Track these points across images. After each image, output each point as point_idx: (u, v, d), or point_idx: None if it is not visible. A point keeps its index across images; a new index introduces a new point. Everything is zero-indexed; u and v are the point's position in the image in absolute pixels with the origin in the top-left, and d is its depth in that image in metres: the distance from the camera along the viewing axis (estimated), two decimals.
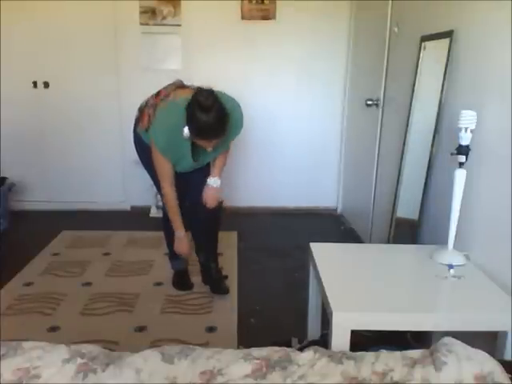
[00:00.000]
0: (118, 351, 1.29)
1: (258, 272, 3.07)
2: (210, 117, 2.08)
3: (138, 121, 2.52)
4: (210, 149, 2.26)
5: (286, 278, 2.96)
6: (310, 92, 4.11)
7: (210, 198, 2.55)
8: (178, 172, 2.43)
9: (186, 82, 2.45)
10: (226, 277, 2.85)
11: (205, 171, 2.56)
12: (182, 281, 2.82)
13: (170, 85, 2.46)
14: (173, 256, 2.83)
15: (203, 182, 2.55)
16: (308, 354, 1.24)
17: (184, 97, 2.23)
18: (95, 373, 1.15)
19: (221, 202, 2.67)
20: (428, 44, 2.34)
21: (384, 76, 3.06)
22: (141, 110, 2.48)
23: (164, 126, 2.27)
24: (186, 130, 2.17)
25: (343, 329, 1.44)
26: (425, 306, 1.55)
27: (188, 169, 2.46)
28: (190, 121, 2.13)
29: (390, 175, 2.81)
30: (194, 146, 2.32)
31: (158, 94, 2.40)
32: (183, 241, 2.53)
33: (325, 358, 1.23)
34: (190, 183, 2.55)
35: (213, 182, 2.55)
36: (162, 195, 2.51)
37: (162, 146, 2.28)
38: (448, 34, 2.11)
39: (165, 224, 2.65)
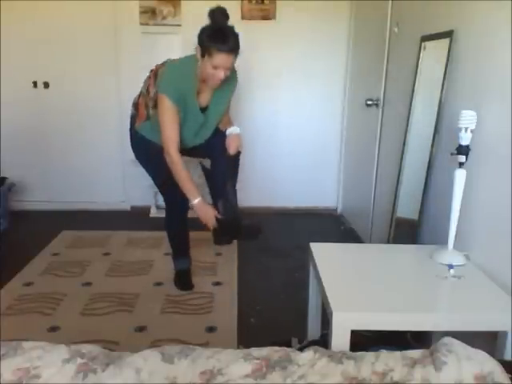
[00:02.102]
0: (118, 351, 1.29)
1: (258, 272, 3.07)
2: (228, 23, 2.16)
3: (134, 118, 2.49)
4: (221, 76, 2.19)
5: (286, 277, 2.96)
6: (309, 92, 4.11)
7: (233, 144, 2.45)
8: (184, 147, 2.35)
9: None
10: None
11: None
12: (183, 280, 2.81)
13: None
14: (176, 256, 2.84)
15: (217, 138, 2.49)
16: (308, 354, 1.24)
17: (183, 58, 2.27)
18: (95, 373, 1.15)
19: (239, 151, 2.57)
20: (428, 44, 2.34)
21: (384, 76, 3.06)
22: (135, 105, 2.45)
23: (173, 76, 2.24)
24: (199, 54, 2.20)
25: (343, 329, 1.44)
26: (425, 306, 1.55)
27: (192, 138, 2.40)
28: (210, 29, 2.18)
29: (389, 175, 2.81)
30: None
31: (151, 71, 2.38)
32: (205, 207, 2.33)
33: (325, 358, 1.23)
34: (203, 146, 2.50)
35: (232, 129, 2.48)
36: (166, 165, 2.31)
37: (173, 95, 2.20)
38: (448, 34, 2.11)
39: (168, 224, 2.63)
